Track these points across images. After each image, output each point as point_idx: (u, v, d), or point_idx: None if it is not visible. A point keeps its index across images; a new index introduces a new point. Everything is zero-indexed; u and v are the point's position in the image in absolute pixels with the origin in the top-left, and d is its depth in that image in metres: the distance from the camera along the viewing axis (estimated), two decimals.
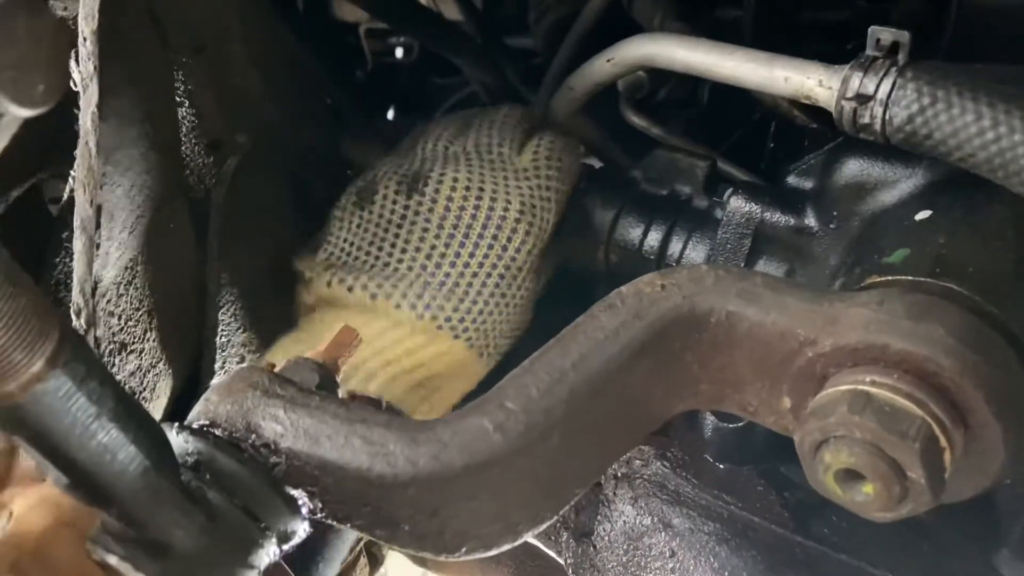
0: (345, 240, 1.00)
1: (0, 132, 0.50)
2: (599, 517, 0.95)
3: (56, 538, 0.56)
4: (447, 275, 0.95)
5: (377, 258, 0.98)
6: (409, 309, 0.93)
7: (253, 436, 0.60)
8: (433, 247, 0.96)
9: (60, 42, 0.48)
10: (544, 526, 0.67)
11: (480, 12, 1.41)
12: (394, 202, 0.99)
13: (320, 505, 0.62)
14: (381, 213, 0.99)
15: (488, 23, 1.40)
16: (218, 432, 0.60)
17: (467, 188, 0.97)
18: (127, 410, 0.51)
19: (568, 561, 1.00)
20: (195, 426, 0.60)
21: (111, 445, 0.50)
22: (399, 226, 0.98)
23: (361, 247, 0.99)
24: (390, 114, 1.61)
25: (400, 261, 0.97)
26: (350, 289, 0.95)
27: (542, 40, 1.32)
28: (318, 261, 1.00)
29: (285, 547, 0.62)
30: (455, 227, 0.96)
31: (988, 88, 0.67)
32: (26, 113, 0.46)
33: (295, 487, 0.61)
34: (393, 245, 0.97)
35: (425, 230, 0.97)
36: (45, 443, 0.48)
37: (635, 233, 0.98)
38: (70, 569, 0.56)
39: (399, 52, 1.62)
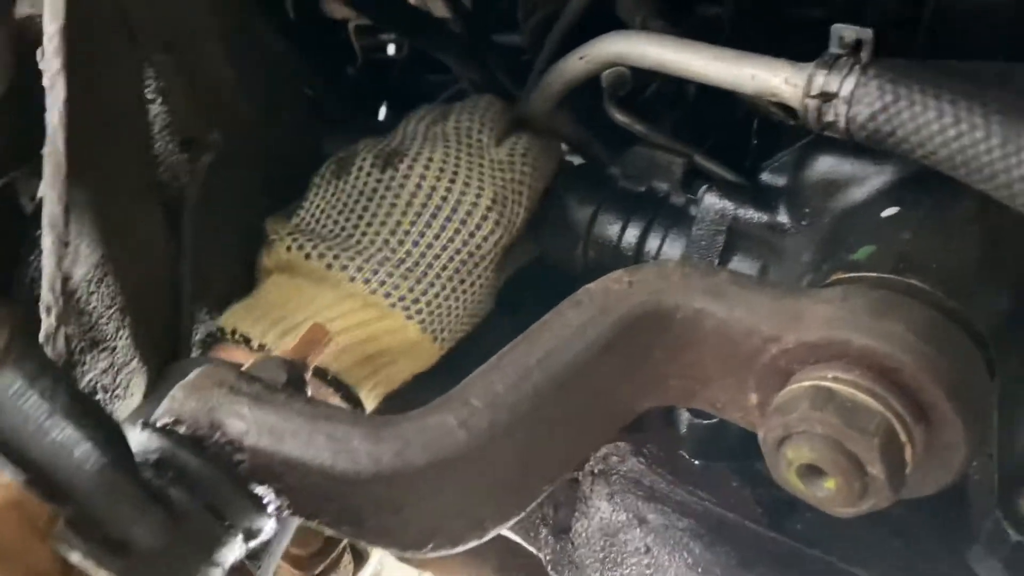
0: (317, 207, 1.00)
1: None
2: (576, 514, 0.95)
3: (2, 519, 0.56)
4: (408, 253, 0.94)
5: (343, 228, 0.97)
6: (363, 283, 0.92)
7: (217, 433, 0.60)
8: (399, 223, 0.96)
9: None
10: (511, 522, 0.67)
11: (468, 9, 1.41)
12: (368, 174, 0.99)
13: (286, 502, 0.61)
14: (355, 184, 0.99)
15: (476, 20, 1.40)
16: (182, 429, 0.60)
17: (441, 170, 0.97)
18: (82, 408, 0.50)
19: (547, 557, 1.00)
20: (159, 423, 0.60)
21: (66, 442, 0.50)
22: (369, 199, 0.98)
23: (330, 215, 0.99)
24: (382, 111, 1.61)
25: (364, 234, 0.96)
26: (307, 256, 0.94)
27: (530, 37, 1.32)
28: (287, 225, 1.00)
29: (251, 544, 0.62)
30: (424, 206, 0.96)
31: (951, 86, 0.67)
32: None
33: (260, 484, 0.61)
34: (360, 217, 0.97)
35: (393, 205, 0.96)
36: None
37: (613, 230, 0.99)
38: (16, 550, 0.55)
39: (390, 49, 1.61)
